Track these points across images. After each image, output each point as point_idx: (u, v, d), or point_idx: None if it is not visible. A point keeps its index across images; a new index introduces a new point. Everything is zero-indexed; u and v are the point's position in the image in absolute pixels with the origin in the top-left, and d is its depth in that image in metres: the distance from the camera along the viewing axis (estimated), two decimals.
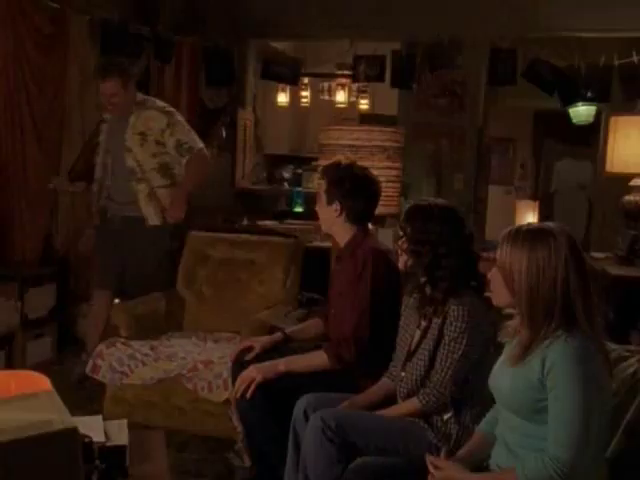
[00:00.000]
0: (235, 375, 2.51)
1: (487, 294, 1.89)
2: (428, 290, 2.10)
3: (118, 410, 2.96)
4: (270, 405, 2.36)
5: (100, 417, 1.91)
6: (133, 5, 4.95)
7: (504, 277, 1.65)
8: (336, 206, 2.52)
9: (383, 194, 2.72)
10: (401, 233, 2.14)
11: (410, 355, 2.14)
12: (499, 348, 1.84)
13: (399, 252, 2.17)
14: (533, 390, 1.61)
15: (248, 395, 2.35)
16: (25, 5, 3.88)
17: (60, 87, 4.22)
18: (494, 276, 1.71)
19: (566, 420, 1.55)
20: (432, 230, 2.07)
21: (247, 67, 5.69)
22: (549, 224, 1.68)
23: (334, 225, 2.58)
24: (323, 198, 2.57)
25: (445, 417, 2.04)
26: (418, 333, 2.15)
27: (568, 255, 1.60)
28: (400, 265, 2.20)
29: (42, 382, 1.64)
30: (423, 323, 2.13)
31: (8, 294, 3.70)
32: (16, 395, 1.49)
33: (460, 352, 2.00)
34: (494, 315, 2.03)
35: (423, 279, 2.11)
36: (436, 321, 2.07)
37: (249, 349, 2.57)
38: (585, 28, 4.72)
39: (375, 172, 3.17)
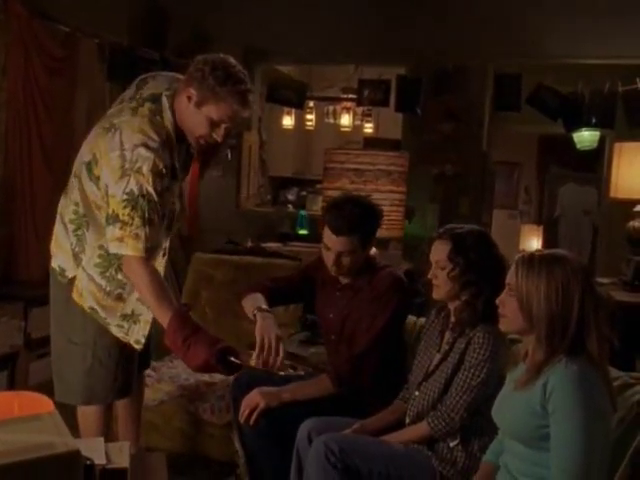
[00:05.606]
0: (235, 396, 2.47)
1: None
2: (466, 315, 2.05)
3: None
4: (274, 430, 2.33)
5: (102, 439, 1.90)
6: (141, 29, 5.02)
7: (519, 303, 1.65)
8: (372, 243, 2.42)
9: (387, 218, 2.70)
10: (451, 265, 2.05)
11: (427, 376, 2.13)
12: (504, 379, 1.83)
13: (439, 280, 2.09)
14: (535, 416, 1.61)
15: (251, 422, 2.30)
16: (36, 28, 3.93)
17: (69, 109, 4.26)
18: (508, 302, 1.69)
19: (567, 443, 1.54)
20: (489, 260, 2.05)
21: (253, 90, 5.73)
22: (559, 250, 1.70)
23: (362, 264, 2.40)
24: (357, 251, 2.34)
25: (452, 444, 2.03)
26: (438, 356, 2.13)
27: (583, 278, 1.62)
28: (437, 295, 2.12)
29: (45, 403, 1.64)
30: (445, 346, 2.11)
31: (13, 313, 3.70)
32: (19, 416, 1.49)
33: (479, 379, 1.98)
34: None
35: (462, 299, 2.07)
36: (458, 346, 2.05)
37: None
38: (588, 55, 4.77)
39: (379, 196, 3.21)
